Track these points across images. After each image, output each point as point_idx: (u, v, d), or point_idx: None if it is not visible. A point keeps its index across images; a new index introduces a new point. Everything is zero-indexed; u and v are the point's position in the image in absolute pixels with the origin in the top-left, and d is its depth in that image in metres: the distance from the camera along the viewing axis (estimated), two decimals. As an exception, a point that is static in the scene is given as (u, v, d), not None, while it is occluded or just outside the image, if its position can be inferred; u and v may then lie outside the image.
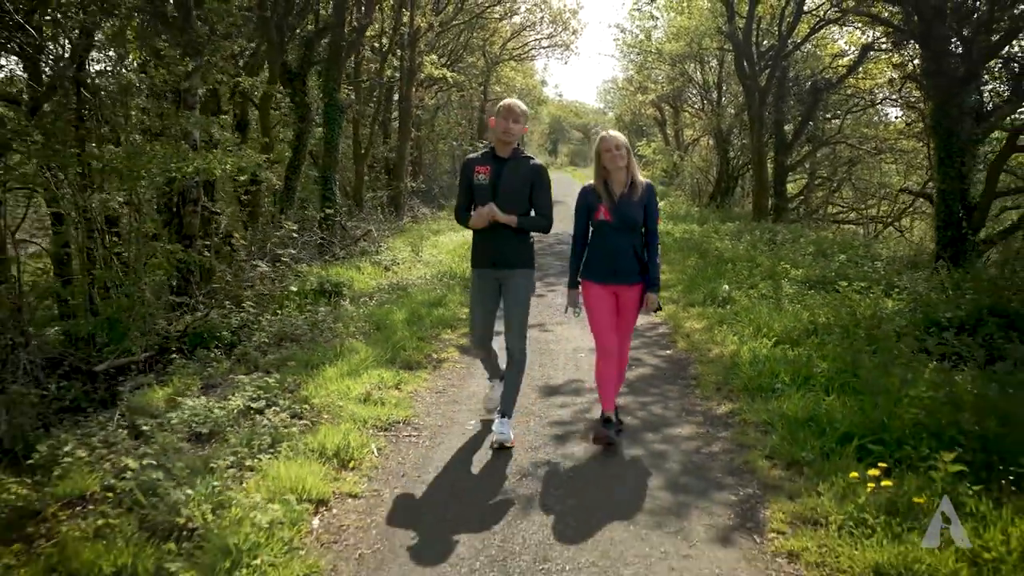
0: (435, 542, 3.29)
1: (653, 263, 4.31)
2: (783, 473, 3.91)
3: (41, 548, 3.21)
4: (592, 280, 4.34)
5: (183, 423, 4.61)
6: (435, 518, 3.51)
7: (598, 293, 4.32)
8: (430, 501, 3.69)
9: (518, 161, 4.32)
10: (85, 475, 3.92)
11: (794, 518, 3.41)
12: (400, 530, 3.40)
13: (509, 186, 4.26)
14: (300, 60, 13.53)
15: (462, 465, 4.14)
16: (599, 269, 4.31)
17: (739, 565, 3.08)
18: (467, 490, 3.82)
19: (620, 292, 4.32)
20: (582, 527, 3.40)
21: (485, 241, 4.37)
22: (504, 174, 4.27)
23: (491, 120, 4.38)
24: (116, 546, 3.05)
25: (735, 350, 6.10)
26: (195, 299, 7.65)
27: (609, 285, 4.31)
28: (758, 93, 18.05)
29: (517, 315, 4.40)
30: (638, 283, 4.31)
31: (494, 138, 4.36)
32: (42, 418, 5.19)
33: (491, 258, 4.36)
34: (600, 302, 4.33)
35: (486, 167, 4.30)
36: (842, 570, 2.96)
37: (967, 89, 9.91)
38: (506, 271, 4.36)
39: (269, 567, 2.96)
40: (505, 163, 4.29)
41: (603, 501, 3.66)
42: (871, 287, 8.14)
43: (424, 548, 3.24)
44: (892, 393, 4.42)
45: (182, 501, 3.39)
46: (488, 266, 4.39)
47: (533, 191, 4.30)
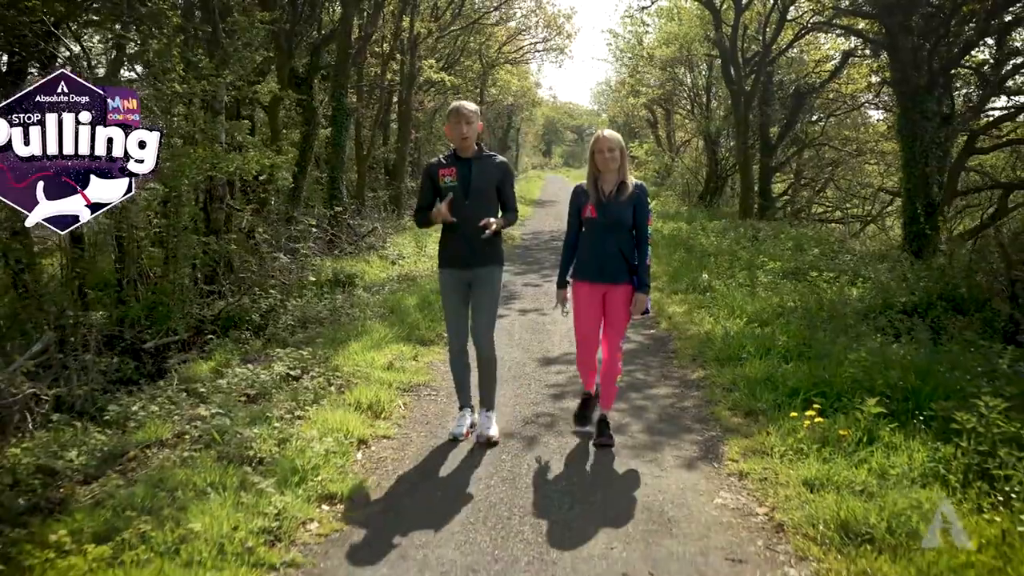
0: (457, 469, 4.09)
1: (643, 265, 4.24)
2: (741, 420, 4.73)
3: (139, 476, 3.98)
4: (579, 279, 4.33)
5: (233, 387, 5.38)
6: (455, 453, 4.31)
7: (584, 292, 4.31)
8: (451, 442, 4.47)
9: (483, 160, 4.32)
10: (158, 426, 4.69)
11: (746, 450, 4.23)
12: (428, 461, 4.19)
13: (479, 185, 4.25)
14: (307, 66, 14.29)
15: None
16: (586, 268, 4.29)
17: (700, 482, 3.90)
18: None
19: (608, 292, 4.27)
20: (576, 458, 4.21)
21: (458, 240, 4.30)
22: (473, 172, 4.26)
23: (446, 128, 4.43)
24: (204, 468, 3.83)
25: (710, 329, 6.92)
26: (223, 287, 8.43)
27: (596, 284, 4.27)
28: (744, 97, 18.90)
29: (487, 310, 4.40)
30: (626, 283, 4.25)
31: (454, 143, 4.33)
32: (104, 387, 5.96)
33: (464, 257, 4.31)
34: (585, 300, 4.31)
35: (451, 169, 4.27)
36: (780, 483, 3.77)
37: (930, 96, 10.77)
38: (479, 269, 4.34)
39: (329, 482, 3.76)
40: (471, 162, 4.29)
41: (584, 450, 4.46)
42: (839, 277, 9.00)
43: (449, 473, 4.03)
44: (836, 358, 5.24)
45: (251, 438, 4.19)
46: (461, 266, 4.34)
47: (501, 188, 4.34)
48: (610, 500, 3.68)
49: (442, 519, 3.48)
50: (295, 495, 3.56)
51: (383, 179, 21.82)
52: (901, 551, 3.04)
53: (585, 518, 3.49)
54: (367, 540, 3.30)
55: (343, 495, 3.68)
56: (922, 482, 3.66)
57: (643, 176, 35.72)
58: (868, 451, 3.98)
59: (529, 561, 3.10)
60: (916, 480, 3.70)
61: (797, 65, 21.19)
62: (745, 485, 3.85)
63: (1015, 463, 3.60)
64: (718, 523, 3.44)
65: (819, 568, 3.02)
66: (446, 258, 4.42)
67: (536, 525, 3.42)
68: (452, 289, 4.43)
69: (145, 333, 7.11)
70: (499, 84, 33.58)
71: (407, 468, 4.10)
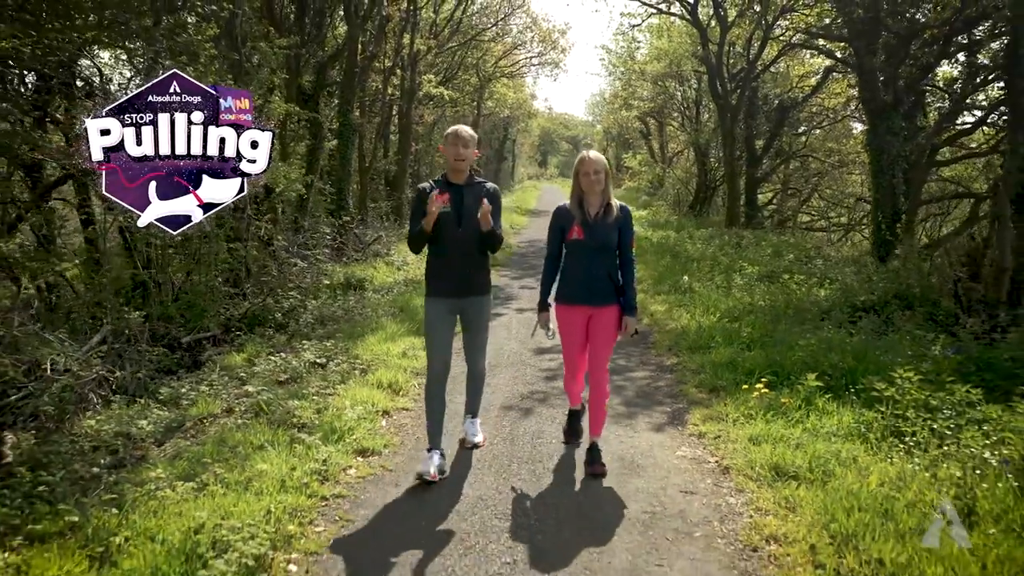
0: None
1: (629, 286, 4.20)
2: (705, 395, 5.58)
3: (203, 439, 4.80)
4: (564, 302, 4.25)
5: (269, 372, 6.21)
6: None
7: (569, 315, 4.24)
8: (460, 412, 5.31)
9: (474, 187, 4.26)
10: (209, 402, 5.51)
11: (706, 417, 5.08)
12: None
13: (470, 212, 4.16)
14: (313, 83, 15.17)
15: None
16: (572, 291, 4.20)
17: (665, 440, 4.74)
18: (486, 407, 5.45)
19: (593, 314, 4.20)
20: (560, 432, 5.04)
21: (450, 268, 4.24)
22: (465, 200, 4.19)
23: (441, 148, 4.33)
24: (257, 431, 4.66)
25: (687, 324, 7.78)
26: (245, 289, 9.26)
27: (582, 307, 4.20)
28: (730, 111, 19.83)
29: (481, 339, 4.46)
30: (612, 304, 4.18)
31: (447, 166, 4.28)
32: (151, 375, 6.78)
33: (456, 286, 4.26)
34: (571, 325, 4.26)
35: (445, 195, 4.12)
36: (730, 440, 4.61)
37: (895, 113, 11.67)
38: (470, 298, 4.31)
39: (362, 439, 4.59)
40: (463, 189, 4.23)
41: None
42: (809, 279, 9.88)
43: (458, 436, 4.86)
44: (788, 344, 6.10)
45: (293, 408, 5.02)
46: (452, 295, 4.28)
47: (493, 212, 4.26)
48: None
49: (456, 466, 4.31)
50: (336, 448, 4.40)
51: (383, 190, 22.70)
52: (816, 484, 3.89)
53: (570, 465, 4.32)
54: (395, 479, 4.14)
55: (374, 449, 4.52)
56: (845, 438, 4.51)
57: (637, 186, 36.79)
58: (805, 415, 4.83)
59: (524, 494, 3.94)
60: (841, 437, 4.55)
61: (781, 80, 22.16)
62: (702, 442, 4.70)
63: (920, 422, 4.45)
64: (677, 468, 4.29)
65: (752, 497, 3.86)
66: (437, 287, 4.30)
67: (531, 470, 4.26)
68: (439, 318, 4.31)
69: (180, 330, 7.94)
70: (496, 97, 34.53)
71: (424, 432, 4.92)
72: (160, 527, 3.37)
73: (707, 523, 3.63)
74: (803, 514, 3.58)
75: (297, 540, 3.41)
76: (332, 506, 3.82)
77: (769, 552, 3.32)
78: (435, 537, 3.50)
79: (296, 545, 3.37)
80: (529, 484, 4.06)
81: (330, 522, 3.64)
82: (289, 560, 3.25)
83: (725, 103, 19.86)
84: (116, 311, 6.59)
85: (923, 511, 3.46)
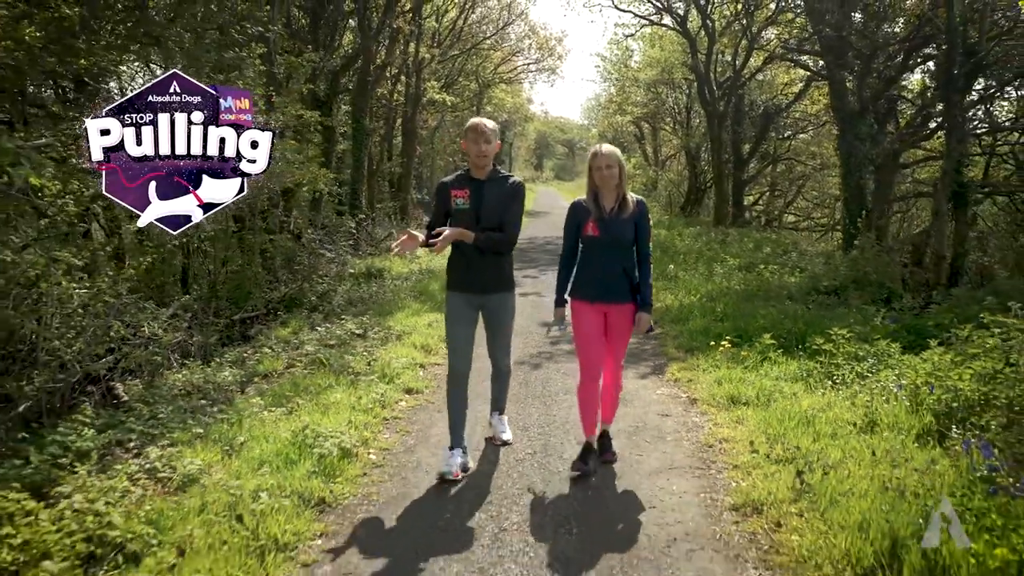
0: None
1: (645, 283, 4.09)
2: (682, 354, 6.79)
3: (278, 384, 5.97)
4: (580, 299, 4.13)
5: (317, 339, 7.39)
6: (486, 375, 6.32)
7: (586, 313, 4.11)
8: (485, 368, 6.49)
9: (497, 181, 4.14)
10: (272, 361, 6.68)
11: (681, 368, 6.28)
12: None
13: (492, 207, 4.07)
14: (327, 90, 16.36)
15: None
16: (587, 288, 4.10)
17: (648, 384, 5.95)
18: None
19: (609, 312, 4.11)
20: (569, 374, 6.24)
21: (470, 265, 4.16)
22: (485, 196, 4.08)
23: (463, 143, 4.22)
24: (322, 376, 5.84)
25: (671, 303, 8.98)
26: (280, 276, 10.44)
27: (598, 304, 4.09)
28: (717, 117, 21.09)
29: (504, 336, 4.38)
30: (629, 303, 4.08)
31: (469, 161, 4.17)
32: (214, 345, 7.95)
33: (477, 283, 4.17)
34: (588, 323, 4.12)
35: (464, 190, 4.09)
36: (699, 382, 5.82)
37: (862, 120, 12.90)
38: (492, 295, 4.22)
39: (408, 382, 5.79)
40: (484, 184, 4.10)
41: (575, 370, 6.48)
42: (781, 268, 11.11)
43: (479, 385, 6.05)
44: (752, 314, 7.32)
45: (348, 361, 6.21)
46: (474, 291, 4.20)
47: (509, 208, 4.14)
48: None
49: (483, 401, 5.50)
50: (388, 387, 5.60)
51: (388, 191, 23.90)
52: (761, 407, 5.09)
53: (571, 401, 5.52)
54: (437, 407, 5.34)
55: (417, 389, 5.72)
56: (789, 380, 5.71)
57: (631, 189, 38.01)
58: (759, 364, 6.04)
59: (537, 418, 5.13)
60: (786, 379, 5.76)
61: (767, 87, 23.45)
62: (677, 384, 5.91)
63: (848, 368, 5.67)
64: (656, 400, 5.49)
65: (712, 417, 5.07)
66: (456, 281, 4.24)
67: (541, 406, 5.45)
68: (461, 313, 4.23)
69: (230, 309, 9.11)
70: (494, 102, 35.76)
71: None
72: (269, 432, 4.55)
73: (677, 432, 4.83)
74: (748, 425, 4.79)
75: (371, 442, 4.59)
76: (392, 424, 5.01)
77: (720, 447, 4.52)
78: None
79: (371, 444, 4.56)
80: (541, 413, 5.26)
81: (393, 432, 4.84)
82: (369, 452, 4.44)
83: (713, 109, 21.11)
84: (183, 291, 7.77)
85: (839, 424, 4.66)
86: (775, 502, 3.65)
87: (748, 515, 3.62)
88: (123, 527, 3.21)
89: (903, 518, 3.18)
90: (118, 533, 3.19)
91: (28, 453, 4.05)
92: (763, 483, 3.87)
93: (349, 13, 16.95)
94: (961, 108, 8.64)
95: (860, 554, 3.06)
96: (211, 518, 3.36)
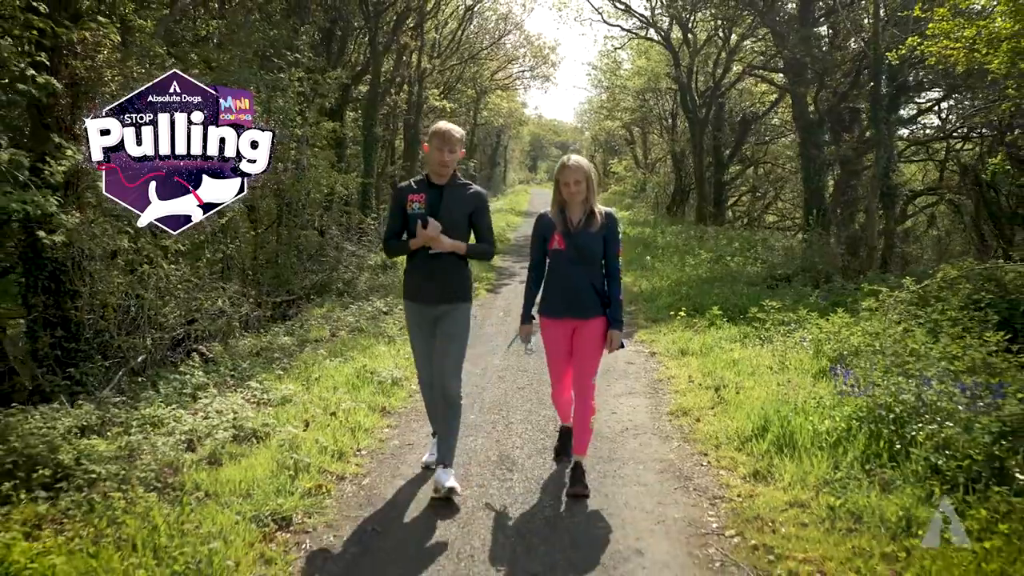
0: (488, 353, 7.73)
1: (615, 299, 3.98)
2: (649, 324, 8.47)
3: (327, 347, 7.58)
4: (547, 315, 4.05)
5: (352, 314, 9.00)
6: (491, 348, 7.96)
7: (553, 329, 4.05)
8: (492, 341, 8.12)
9: (456, 188, 3.99)
10: (317, 330, 8.29)
11: (646, 334, 7.95)
12: (477, 346, 7.83)
13: (448, 214, 3.91)
14: (338, 100, 17.96)
15: (500, 327, 8.60)
16: (554, 303, 3.99)
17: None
18: (498, 347, 8.24)
19: (577, 327, 3.99)
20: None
21: (425, 273, 3.97)
22: (443, 202, 3.92)
23: (424, 147, 4.03)
24: (364, 339, 7.46)
25: (644, 288, 10.64)
26: (308, 266, 12.06)
27: (565, 320, 3.99)
28: (699, 124, 22.77)
29: (454, 352, 4.01)
30: (598, 317, 3.96)
31: (429, 166, 3.99)
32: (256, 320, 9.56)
33: (432, 292, 3.97)
34: (555, 339, 4.06)
35: (420, 195, 3.92)
36: (659, 342, 7.47)
37: (820, 130, 14.61)
38: (445, 306, 3.99)
39: (432, 342, 7.41)
40: (442, 190, 3.95)
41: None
42: (746, 259, 12.79)
43: (487, 351, 7.67)
44: (706, 292, 9.00)
45: (383, 327, 7.83)
46: (428, 301, 3.99)
47: (474, 218, 4.01)
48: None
49: (484, 368, 7.14)
50: (418, 345, 7.21)
51: (391, 192, 25.51)
52: (702, 356, 6.74)
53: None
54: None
55: (440, 347, 7.34)
56: (728, 340, 7.36)
57: (622, 190, 39.75)
58: (707, 328, 7.69)
59: (528, 384, 6.76)
60: (726, 339, 7.41)
61: (746, 96, 25.13)
62: (642, 343, 7.57)
63: (775, 330, 7.33)
64: (624, 355, 7.12)
65: (665, 363, 6.72)
66: (410, 290, 4.08)
67: (531, 379, 7.08)
68: (417, 324, 4.11)
69: (273, 293, 10.72)
70: (490, 108, 37.39)
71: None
72: (336, 371, 6.17)
73: (637, 373, 6.49)
74: (690, 367, 6.45)
75: (412, 378, 6.22)
76: (423, 369, 6.64)
77: (668, 381, 6.18)
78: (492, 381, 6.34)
79: (412, 379, 6.19)
80: (531, 381, 6.90)
81: (425, 374, 6.46)
82: (412, 384, 6.08)
83: (695, 116, 22.78)
84: (240, 274, 9.37)
85: (757, 366, 6.30)
86: (698, 408, 5.31)
87: (679, 416, 5.27)
88: (255, 418, 4.83)
89: (778, 409, 4.82)
90: (251, 424, 4.81)
91: (159, 386, 5.65)
92: (692, 398, 5.54)
93: (358, 30, 18.59)
94: (888, 123, 10.30)
95: (742, 430, 4.71)
96: (316, 413, 4.99)
